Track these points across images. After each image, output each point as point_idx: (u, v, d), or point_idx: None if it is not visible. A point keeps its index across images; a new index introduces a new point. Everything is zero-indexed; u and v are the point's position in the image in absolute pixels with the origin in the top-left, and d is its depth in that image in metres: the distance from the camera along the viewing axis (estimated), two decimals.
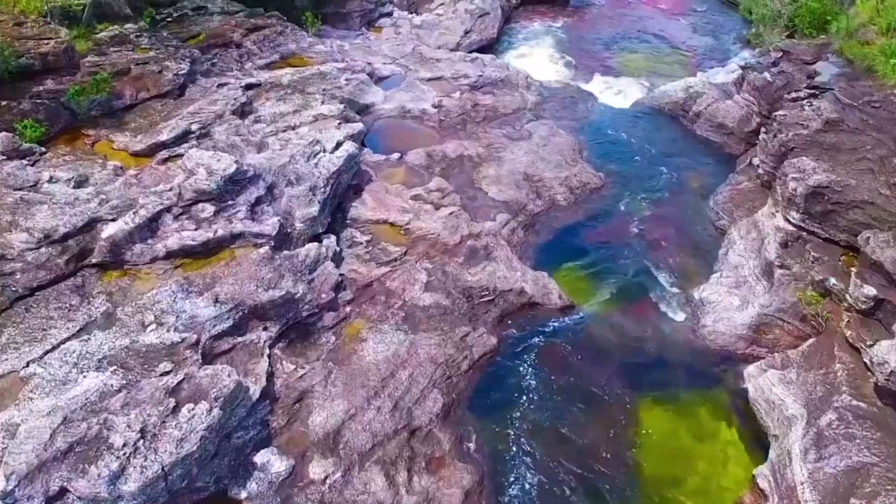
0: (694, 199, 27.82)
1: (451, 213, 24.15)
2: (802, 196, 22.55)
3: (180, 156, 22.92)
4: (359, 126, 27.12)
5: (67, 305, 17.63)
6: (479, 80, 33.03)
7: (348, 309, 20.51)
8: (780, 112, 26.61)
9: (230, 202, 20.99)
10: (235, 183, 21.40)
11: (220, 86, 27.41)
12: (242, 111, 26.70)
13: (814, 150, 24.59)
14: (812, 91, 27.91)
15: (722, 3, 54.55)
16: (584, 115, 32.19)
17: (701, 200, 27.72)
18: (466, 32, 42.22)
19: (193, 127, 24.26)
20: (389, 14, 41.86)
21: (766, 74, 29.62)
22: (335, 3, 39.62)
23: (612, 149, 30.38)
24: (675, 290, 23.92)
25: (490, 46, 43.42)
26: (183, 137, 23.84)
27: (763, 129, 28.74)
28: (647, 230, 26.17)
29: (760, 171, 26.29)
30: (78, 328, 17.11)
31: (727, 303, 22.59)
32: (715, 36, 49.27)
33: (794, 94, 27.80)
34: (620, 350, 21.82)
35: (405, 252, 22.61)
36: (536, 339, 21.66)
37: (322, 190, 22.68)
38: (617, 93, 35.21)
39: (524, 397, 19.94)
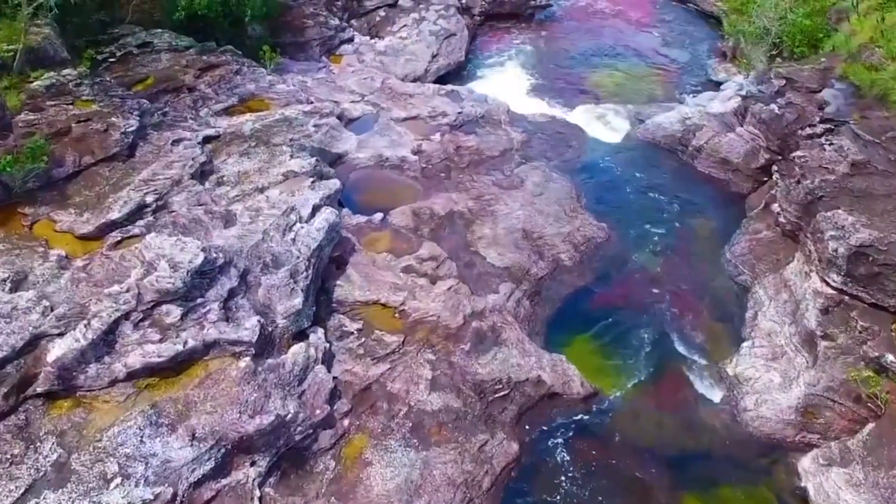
0: (707, 249, 25.35)
1: (449, 288, 21.20)
2: (844, 257, 20.15)
3: (136, 237, 19.64)
4: (335, 184, 24.01)
5: (8, 457, 14.27)
6: (459, 119, 30.07)
7: (346, 423, 17.50)
8: (799, 153, 24.25)
9: (199, 300, 17.79)
10: (204, 275, 18.16)
11: (175, 142, 24.05)
12: (202, 171, 23.43)
13: (844, 198, 22.27)
14: (827, 126, 25.56)
15: (690, 12, 52.37)
16: (575, 153, 29.47)
17: (715, 250, 25.26)
18: (434, 56, 39.26)
19: (148, 199, 20.97)
20: (350, 40, 38.62)
21: (774, 107, 27.24)
22: (292, 32, 36.26)
23: (611, 193, 27.75)
24: (704, 362, 21.41)
25: (459, 70, 40.59)
26: (137, 213, 20.57)
27: (776, 168, 26.42)
28: (662, 289, 23.65)
29: (782, 219, 23.89)
30: (23, 489, 13.79)
31: (767, 380, 20.09)
32: (688, 48, 47.05)
33: (808, 130, 25.51)
34: (655, 442, 19.24)
35: (403, 341, 19.62)
36: (561, 439, 18.94)
37: (304, 274, 19.55)
38: (605, 124, 32.51)
39: None
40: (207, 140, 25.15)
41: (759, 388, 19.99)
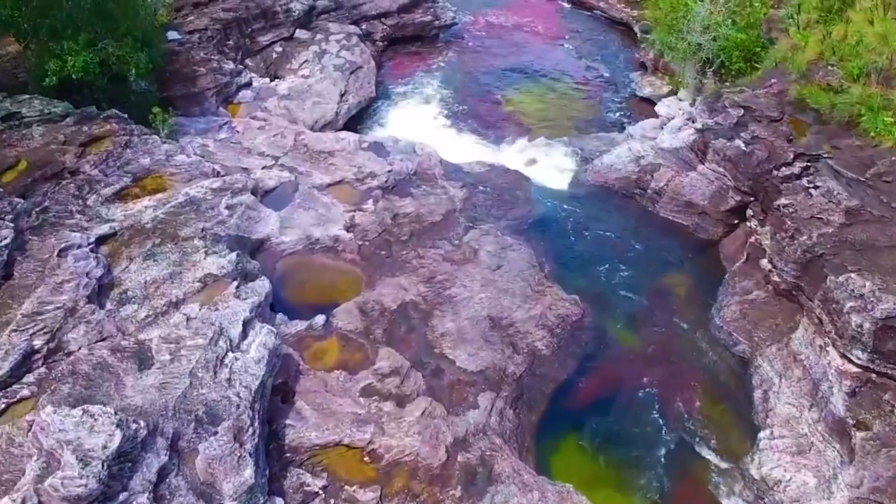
0: (691, 313, 22.67)
1: (422, 413, 17.72)
2: (871, 332, 17.56)
3: (25, 399, 15.47)
4: (264, 286, 20.11)
5: None
6: (390, 178, 26.43)
7: None
8: (784, 201, 21.83)
9: (121, 495, 13.61)
10: (124, 459, 14.00)
11: (63, 251, 19.67)
12: (100, 287, 19.10)
13: (846, 253, 19.91)
14: (803, 164, 23.18)
15: (597, 20, 50.09)
16: (524, 208, 26.30)
17: (700, 313, 22.61)
18: (342, 95, 35.50)
19: (37, 342, 16.78)
20: (248, 84, 34.33)
21: (739, 143, 24.71)
22: (183, 82, 31.75)
23: (573, 253, 24.80)
24: (721, 463, 18.57)
25: (370, 106, 36.96)
26: (23, 364, 16.23)
27: (751, 213, 23.97)
28: (652, 369, 20.94)
29: (776, 278, 21.33)
30: None
31: (800, 482, 17.38)
32: (604, 60, 44.75)
33: (784, 170, 23.13)
34: None
35: (381, 495, 16.00)
36: None
37: (250, 430, 15.64)
38: (548, 167, 29.48)
39: None
40: (102, 240, 20.81)
41: (793, 493, 17.29)
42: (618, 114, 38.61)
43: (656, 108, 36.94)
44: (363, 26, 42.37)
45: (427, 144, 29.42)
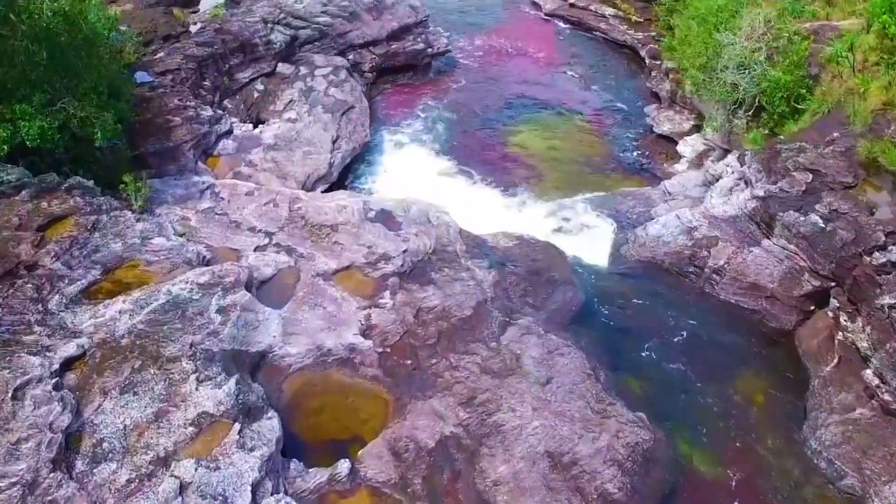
0: (777, 431, 19.21)
1: None
2: None
3: None
4: (273, 429, 16.30)
5: None
6: (406, 260, 22.53)
7: None
8: (890, 301, 18.08)
9: None
10: None
11: (19, 392, 15.77)
12: (68, 438, 15.14)
13: None
14: None
15: (598, 43, 46.62)
16: (563, 294, 22.56)
17: (788, 431, 19.18)
18: (335, 142, 31.62)
19: None
20: (229, 133, 30.24)
21: (815, 218, 21.17)
22: (157, 136, 27.62)
23: (629, 352, 21.27)
24: None
25: (365, 153, 33.05)
26: None
27: (836, 304, 20.47)
28: None
29: (887, 397, 17.69)
30: None
31: None
32: (613, 90, 41.37)
33: (878, 256, 19.58)
34: None
35: None
36: None
37: None
38: (580, 235, 25.94)
39: None
40: (67, 365, 16.70)
41: None
42: (635, 153, 35.22)
43: (679, 148, 33.78)
44: (350, 56, 38.53)
45: (441, 209, 25.59)
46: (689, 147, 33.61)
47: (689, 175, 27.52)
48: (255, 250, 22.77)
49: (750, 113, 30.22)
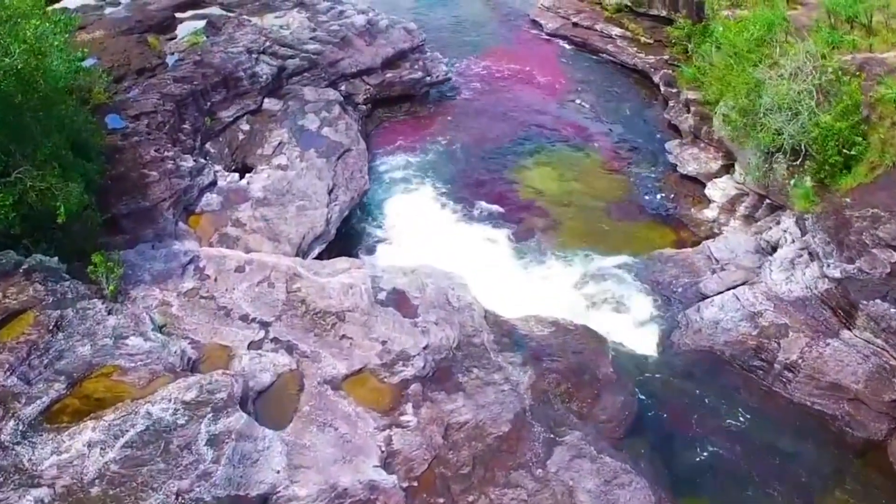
0: None
1: None
2: None
3: None
4: None
5: None
6: (428, 360, 19.16)
7: None
8: None
9: None
10: None
11: None
12: None
13: None
14: None
15: (605, 66, 43.34)
16: (614, 396, 19.35)
17: None
18: (331, 192, 28.29)
19: None
20: (213, 184, 26.72)
21: None
22: (131, 194, 24.18)
23: (698, 473, 18.14)
24: None
25: (363, 203, 29.67)
26: None
27: None
28: None
29: None
30: None
31: None
32: (628, 122, 38.27)
33: None
34: None
35: None
36: None
37: None
38: (619, 317, 22.51)
39: None
40: None
41: None
42: (658, 195, 32.14)
43: (707, 192, 30.74)
44: (342, 87, 35.18)
45: (459, 280, 22.21)
46: (718, 191, 30.49)
47: (738, 239, 24.24)
48: (249, 347, 19.37)
49: (793, 159, 26.95)
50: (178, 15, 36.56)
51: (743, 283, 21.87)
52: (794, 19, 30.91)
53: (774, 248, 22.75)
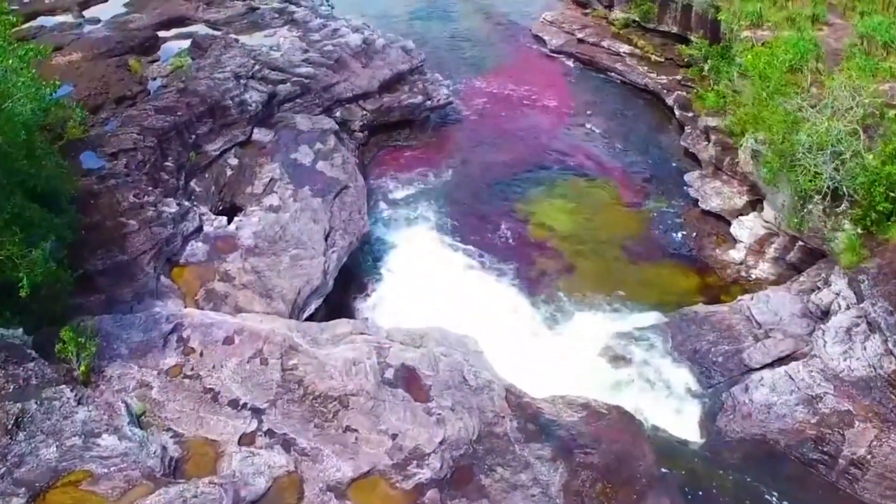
0: None
1: None
2: None
3: None
4: None
5: None
6: (445, 458, 16.74)
7: None
8: None
9: None
10: None
11: None
12: None
13: None
14: None
15: (614, 86, 41.01)
16: (660, 498, 16.64)
17: None
18: (328, 237, 25.86)
19: None
20: (199, 230, 24.12)
21: None
22: (107, 247, 21.61)
23: None
24: None
25: (362, 247, 27.23)
26: None
27: None
28: None
29: None
30: None
31: None
32: (641, 148, 36.15)
33: None
34: None
35: None
36: None
37: None
38: (649, 384, 20.23)
39: None
40: None
41: None
42: (680, 234, 29.98)
43: (733, 230, 28.68)
44: (337, 113, 32.72)
45: (478, 357, 19.92)
46: (745, 230, 28.29)
47: (781, 299, 21.79)
48: (239, 442, 16.75)
49: (834, 204, 24.66)
50: (161, 34, 33.88)
51: (792, 355, 19.44)
52: (822, 42, 28.67)
53: (825, 313, 20.34)
